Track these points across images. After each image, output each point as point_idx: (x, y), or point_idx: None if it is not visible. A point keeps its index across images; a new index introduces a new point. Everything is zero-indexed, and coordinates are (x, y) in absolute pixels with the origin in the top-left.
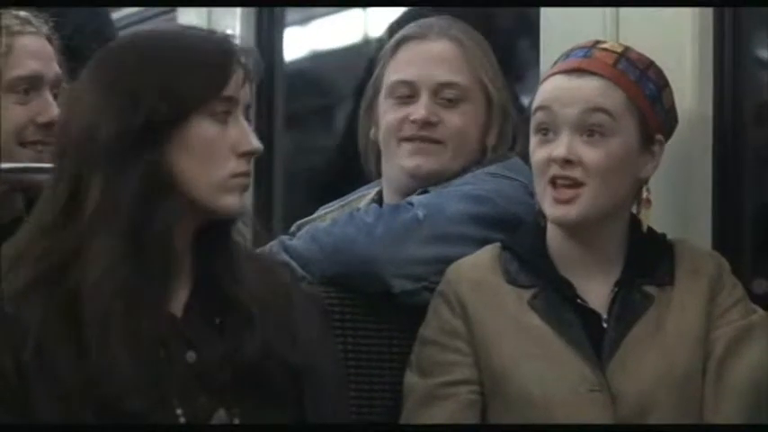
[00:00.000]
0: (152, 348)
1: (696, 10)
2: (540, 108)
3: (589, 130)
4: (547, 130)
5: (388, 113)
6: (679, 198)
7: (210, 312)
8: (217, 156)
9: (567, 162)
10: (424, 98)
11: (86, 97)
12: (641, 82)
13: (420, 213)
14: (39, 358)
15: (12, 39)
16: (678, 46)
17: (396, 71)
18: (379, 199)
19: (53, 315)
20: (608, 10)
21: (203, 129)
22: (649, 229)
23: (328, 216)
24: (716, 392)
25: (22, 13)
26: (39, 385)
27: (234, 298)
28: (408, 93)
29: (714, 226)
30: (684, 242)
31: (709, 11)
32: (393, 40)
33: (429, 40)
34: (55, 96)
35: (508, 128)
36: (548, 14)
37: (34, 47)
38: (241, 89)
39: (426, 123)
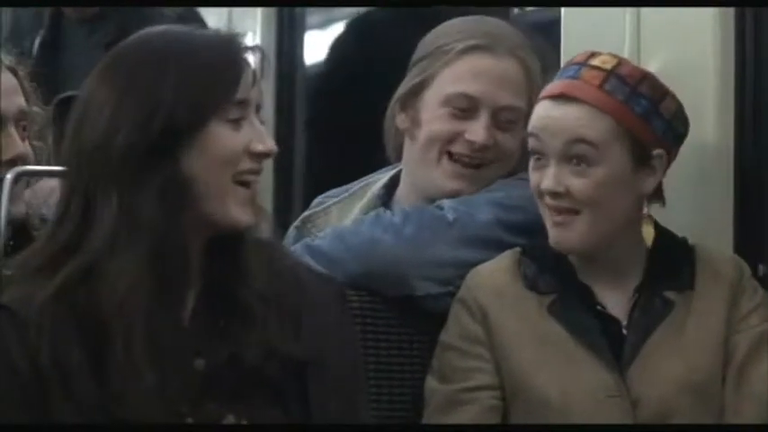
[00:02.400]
0: (164, 358)
1: (717, 12)
2: (531, 134)
3: (575, 159)
4: (539, 156)
5: (438, 121)
6: (700, 202)
7: (215, 316)
8: (231, 159)
9: (555, 194)
10: (484, 119)
11: (99, 104)
12: (631, 101)
13: (450, 216)
14: (55, 363)
15: None
16: (699, 49)
17: (458, 81)
18: (392, 185)
19: (71, 326)
20: (629, 14)
21: (219, 134)
22: (669, 233)
23: (333, 208)
24: (736, 397)
25: None
26: (56, 393)
27: (239, 299)
28: (467, 107)
29: (735, 230)
30: (705, 246)
31: (730, 13)
32: (459, 45)
33: (497, 57)
34: (24, 128)
35: None
36: (569, 18)
37: None
38: (251, 89)
39: (483, 146)
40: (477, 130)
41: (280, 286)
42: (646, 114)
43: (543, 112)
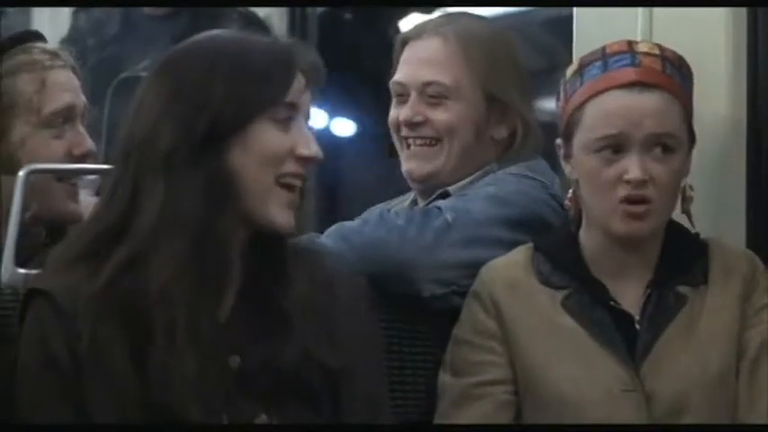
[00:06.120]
0: (201, 352)
1: (730, 11)
2: (603, 127)
3: (659, 147)
4: (609, 149)
5: (390, 112)
6: (713, 199)
7: (254, 316)
8: (275, 159)
9: (642, 182)
10: (412, 98)
11: (150, 103)
12: (683, 82)
13: (449, 217)
14: (95, 355)
15: (44, 74)
16: (712, 47)
17: (396, 72)
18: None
19: (110, 317)
20: (641, 13)
21: (265, 133)
22: (683, 228)
23: None
24: (750, 392)
25: (50, 47)
26: (94, 382)
27: (278, 303)
28: (401, 92)
29: (748, 226)
30: (718, 241)
31: (742, 12)
32: (397, 42)
33: (421, 39)
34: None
35: (519, 125)
36: (581, 17)
37: (64, 80)
38: (302, 95)
39: (412, 123)
40: (404, 110)
41: (318, 295)
42: (690, 94)
43: (620, 102)
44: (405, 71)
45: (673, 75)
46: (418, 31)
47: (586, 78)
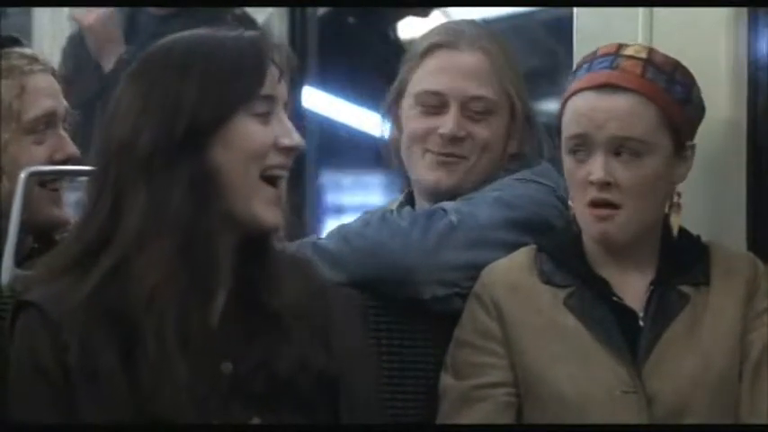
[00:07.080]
0: (192, 357)
1: (730, 11)
2: (572, 127)
3: (624, 151)
4: (579, 150)
5: (413, 121)
6: (713, 201)
7: (245, 321)
8: (258, 153)
9: (605, 184)
10: (454, 111)
11: (126, 106)
12: (671, 88)
13: (454, 219)
14: (84, 363)
15: (23, 79)
16: (712, 47)
17: (424, 80)
18: (410, 199)
19: (98, 324)
20: (642, 13)
21: (245, 128)
22: (683, 230)
23: None
24: (752, 395)
25: (29, 52)
26: (85, 391)
27: (271, 309)
28: (437, 103)
29: (748, 228)
30: (719, 244)
31: (742, 12)
32: (422, 46)
33: (460, 51)
34: (64, 129)
35: (530, 136)
36: (581, 17)
37: (45, 84)
38: (278, 86)
39: (454, 138)
40: (446, 124)
41: (311, 304)
42: (683, 102)
43: (587, 103)
44: (443, 82)
45: (655, 79)
46: (452, 41)
47: (575, 78)
